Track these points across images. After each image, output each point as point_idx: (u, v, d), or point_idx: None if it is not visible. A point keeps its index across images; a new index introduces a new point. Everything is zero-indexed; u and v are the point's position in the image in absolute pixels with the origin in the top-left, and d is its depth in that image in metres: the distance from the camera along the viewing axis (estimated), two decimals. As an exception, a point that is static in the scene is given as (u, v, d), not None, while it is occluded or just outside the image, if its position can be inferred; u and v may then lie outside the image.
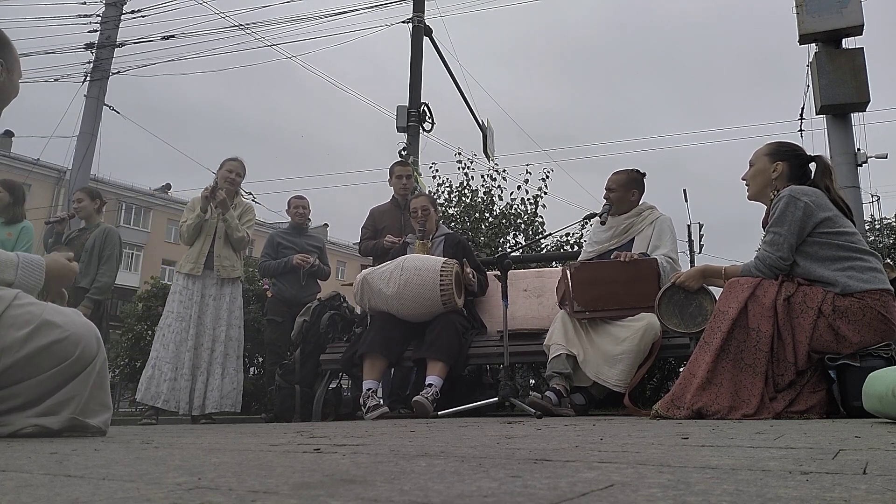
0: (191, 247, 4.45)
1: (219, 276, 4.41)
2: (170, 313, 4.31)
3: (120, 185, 32.09)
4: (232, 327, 4.43)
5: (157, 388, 4.11)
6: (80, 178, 9.21)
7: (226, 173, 4.57)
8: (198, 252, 4.39)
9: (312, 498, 0.64)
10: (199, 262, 4.36)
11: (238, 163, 4.64)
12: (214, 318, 4.36)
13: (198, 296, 4.33)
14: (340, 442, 1.45)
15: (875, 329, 2.30)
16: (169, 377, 4.13)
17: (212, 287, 4.40)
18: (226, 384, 4.29)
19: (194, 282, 4.36)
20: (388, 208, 4.87)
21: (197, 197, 4.60)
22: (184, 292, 4.33)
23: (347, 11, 10.83)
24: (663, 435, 1.49)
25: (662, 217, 3.45)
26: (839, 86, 5.25)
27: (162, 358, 4.18)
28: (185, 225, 4.44)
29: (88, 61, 10.04)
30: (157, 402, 4.10)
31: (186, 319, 4.27)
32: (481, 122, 10.05)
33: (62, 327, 1.62)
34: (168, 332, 4.25)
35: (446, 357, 3.37)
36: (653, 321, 2.96)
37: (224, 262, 4.43)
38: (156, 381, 4.13)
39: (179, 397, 4.13)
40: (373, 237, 4.72)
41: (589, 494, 0.64)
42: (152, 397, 4.10)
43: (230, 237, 4.48)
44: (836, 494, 0.62)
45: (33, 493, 0.70)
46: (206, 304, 4.36)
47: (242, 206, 4.66)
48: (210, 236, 4.44)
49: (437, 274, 3.46)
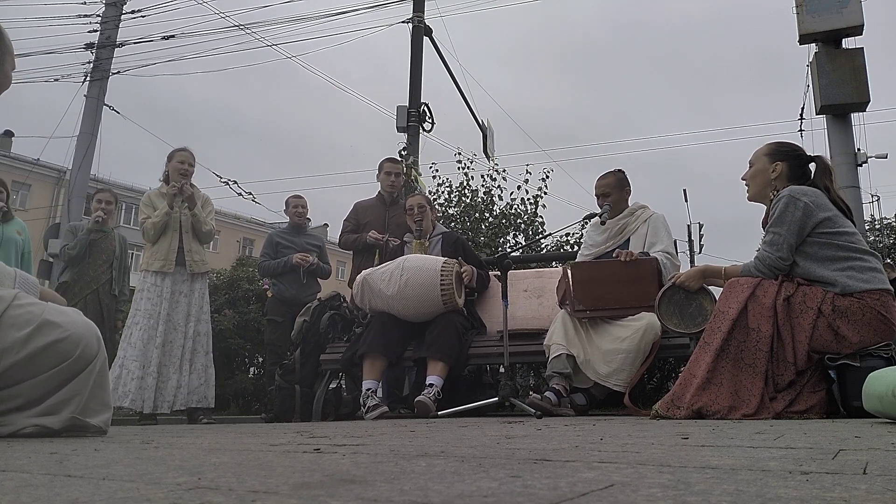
0: (154, 244, 4.38)
1: (190, 272, 4.37)
2: (137, 311, 4.25)
3: (120, 185, 32.07)
4: (201, 322, 4.40)
5: (124, 387, 4.04)
6: (81, 178, 9.21)
7: (177, 165, 4.47)
8: (167, 248, 4.33)
9: (312, 498, 0.64)
10: (169, 258, 4.31)
11: (188, 153, 4.55)
12: (186, 315, 4.33)
13: (167, 292, 4.28)
14: (340, 442, 1.45)
15: (875, 329, 2.30)
16: (136, 375, 4.07)
17: (182, 283, 4.36)
18: (194, 379, 4.27)
19: (164, 278, 4.30)
20: (373, 204, 4.83)
21: (152, 192, 4.54)
22: (153, 289, 4.27)
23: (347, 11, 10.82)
24: (663, 435, 1.49)
25: (655, 215, 3.47)
26: (839, 86, 5.25)
27: (129, 356, 4.13)
28: (150, 223, 4.35)
29: (88, 61, 10.04)
30: (124, 402, 4.03)
31: (155, 317, 4.22)
32: (481, 122, 10.05)
33: (63, 327, 1.62)
34: (136, 331, 4.19)
35: (446, 357, 3.37)
36: (653, 321, 2.96)
37: (195, 257, 4.41)
38: (123, 381, 4.06)
39: (146, 396, 4.07)
40: (354, 231, 4.69)
41: (589, 494, 0.64)
42: (119, 397, 4.02)
43: (198, 231, 4.43)
44: (836, 494, 0.62)
45: (33, 493, 0.70)
46: (176, 301, 4.31)
47: (201, 198, 4.58)
48: (177, 231, 4.38)
49: (438, 274, 3.46)
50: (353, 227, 4.74)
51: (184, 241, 4.38)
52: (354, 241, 4.60)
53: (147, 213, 4.43)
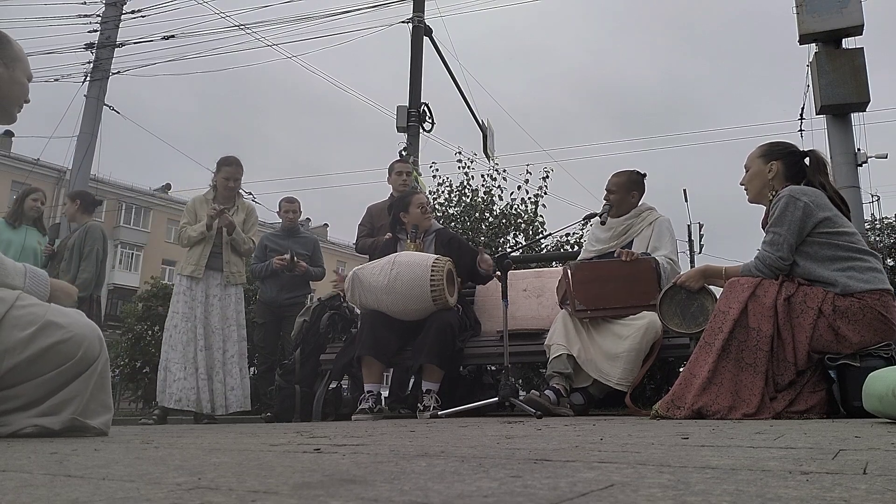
0: (190, 249, 4.44)
1: (227, 282, 4.44)
2: (175, 314, 4.31)
3: (120, 185, 32.11)
4: (242, 328, 4.46)
5: (170, 388, 4.13)
6: (80, 178, 9.20)
7: (223, 181, 4.52)
8: (199, 254, 4.38)
9: (312, 498, 0.64)
10: (200, 264, 4.36)
11: (234, 167, 4.56)
12: (222, 319, 4.37)
13: (202, 296, 4.34)
14: (340, 442, 1.45)
15: (875, 329, 2.30)
16: (179, 377, 4.13)
17: (215, 287, 4.40)
18: (245, 384, 4.36)
19: (197, 283, 4.36)
20: (386, 206, 4.84)
21: (197, 198, 4.58)
22: (187, 293, 4.33)
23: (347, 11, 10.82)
24: (663, 435, 1.49)
25: (661, 218, 3.44)
26: (839, 86, 5.24)
27: (171, 359, 4.19)
28: (187, 234, 4.41)
29: (88, 61, 10.03)
30: (170, 403, 4.11)
31: (192, 319, 4.27)
32: (481, 122, 10.05)
33: (65, 328, 1.62)
34: (175, 333, 4.25)
35: (439, 360, 3.34)
36: (654, 320, 2.96)
37: (233, 269, 4.47)
38: (168, 383, 4.15)
39: (192, 396, 4.13)
40: (370, 235, 4.68)
41: (589, 494, 0.64)
42: (167, 399, 4.13)
43: (238, 250, 4.50)
44: (836, 494, 0.62)
45: (33, 493, 0.70)
46: (211, 305, 4.36)
47: (245, 210, 4.63)
48: (210, 240, 4.43)
49: (428, 270, 3.38)
50: (368, 230, 4.73)
51: (224, 252, 4.44)
52: (371, 245, 4.56)
53: (188, 218, 4.49)
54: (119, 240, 32.58)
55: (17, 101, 1.85)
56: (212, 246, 4.41)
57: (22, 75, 1.84)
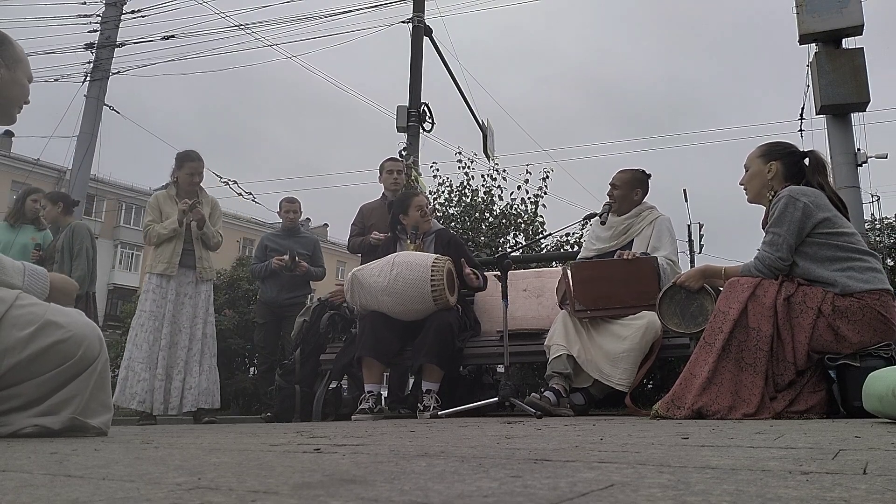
0: (158, 247, 4.38)
1: (200, 278, 4.41)
2: (142, 312, 4.26)
3: (120, 185, 32.08)
4: (207, 324, 4.42)
5: (130, 388, 4.06)
6: (80, 178, 9.21)
7: (187, 177, 4.45)
8: (171, 252, 4.34)
9: (312, 498, 0.64)
10: (172, 261, 4.32)
11: (198, 162, 4.50)
12: (191, 316, 4.34)
13: (172, 294, 4.30)
14: (340, 442, 1.45)
15: (875, 329, 2.30)
16: (143, 377, 4.09)
17: (187, 285, 4.38)
18: (202, 381, 4.29)
19: (168, 281, 4.32)
20: (378, 205, 4.82)
21: (160, 194, 4.52)
22: (157, 291, 4.29)
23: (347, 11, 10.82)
24: (663, 435, 1.49)
25: (661, 217, 3.43)
26: (839, 86, 5.24)
27: (135, 358, 4.14)
28: (155, 231, 4.35)
29: (88, 61, 10.04)
30: (131, 404, 4.05)
31: (160, 318, 4.24)
32: (481, 122, 10.05)
33: (65, 328, 1.62)
34: (141, 332, 4.20)
35: (438, 360, 3.34)
36: (653, 320, 2.96)
37: (205, 265, 4.45)
38: (129, 383, 4.08)
39: (154, 397, 4.09)
40: (361, 234, 4.69)
41: (589, 494, 0.64)
42: (127, 399, 4.05)
43: (207, 244, 4.48)
44: (836, 494, 0.62)
45: (33, 493, 0.70)
46: (181, 303, 4.33)
47: (210, 204, 4.57)
48: (181, 236, 4.39)
49: (429, 270, 3.38)
50: (360, 230, 4.73)
51: (195, 248, 4.42)
52: (360, 243, 4.59)
53: (153, 216, 4.44)
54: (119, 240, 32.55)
55: (17, 102, 1.85)
56: (183, 243, 4.37)
57: (23, 76, 1.84)
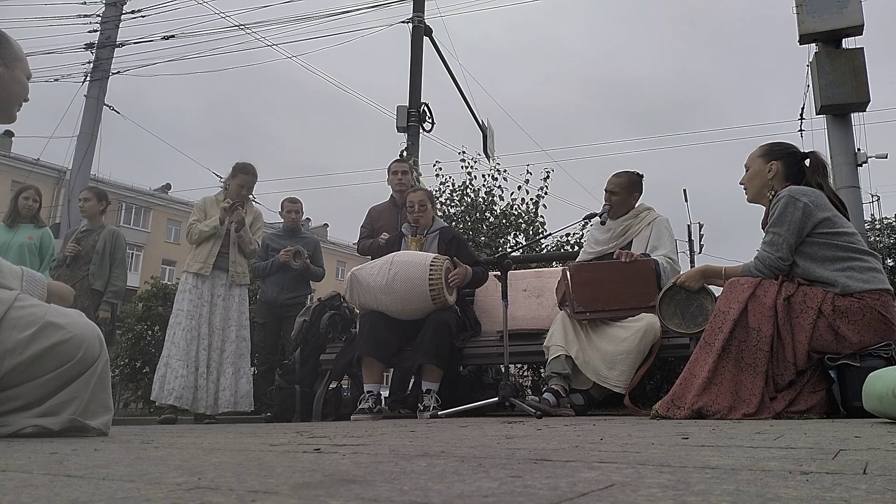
0: (197, 247, 4.45)
1: (233, 282, 4.46)
2: (180, 311, 4.31)
3: (120, 185, 32.09)
4: (242, 328, 4.46)
5: (169, 385, 4.11)
6: (80, 178, 9.20)
7: (237, 187, 4.56)
8: (207, 253, 4.40)
9: (312, 498, 0.64)
10: (208, 262, 4.38)
11: (251, 177, 4.61)
12: (224, 319, 4.38)
13: (207, 295, 4.36)
14: (340, 442, 1.45)
15: (875, 329, 2.30)
16: (181, 374, 4.13)
17: (220, 287, 4.43)
18: (241, 384, 4.34)
19: (203, 281, 4.37)
20: (386, 207, 4.83)
21: (209, 198, 4.62)
22: (193, 291, 4.34)
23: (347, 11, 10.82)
24: (663, 435, 1.49)
25: (660, 218, 3.45)
26: (839, 86, 5.24)
27: (173, 355, 4.18)
28: (197, 229, 4.44)
29: (88, 61, 10.03)
30: (169, 400, 4.09)
31: (197, 318, 4.29)
32: (481, 122, 10.05)
33: (65, 329, 1.62)
34: (178, 330, 4.24)
35: (437, 359, 3.35)
36: (653, 321, 2.96)
37: (238, 269, 4.51)
38: (167, 379, 4.13)
39: (191, 395, 4.13)
40: (370, 236, 4.69)
41: (589, 494, 0.64)
42: (166, 395, 4.11)
43: (243, 249, 4.53)
44: (836, 494, 0.62)
45: (33, 493, 0.70)
46: (215, 305, 4.38)
47: (253, 213, 4.68)
48: (220, 238, 4.45)
49: (427, 269, 3.39)
50: (369, 232, 4.74)
51: (230, 252, 4.47)
52: (370, 245, 4.58)
53: (198, 216, 4.52)
54: (119, 240, 32.52)
55: (17, 100, 1.85)
56: (220, 245, 4.43)
57: (22, 74, 1.84)
